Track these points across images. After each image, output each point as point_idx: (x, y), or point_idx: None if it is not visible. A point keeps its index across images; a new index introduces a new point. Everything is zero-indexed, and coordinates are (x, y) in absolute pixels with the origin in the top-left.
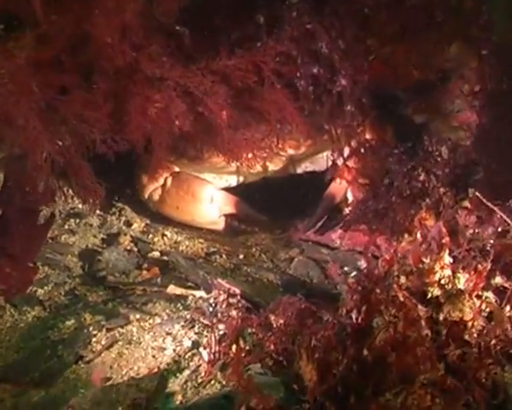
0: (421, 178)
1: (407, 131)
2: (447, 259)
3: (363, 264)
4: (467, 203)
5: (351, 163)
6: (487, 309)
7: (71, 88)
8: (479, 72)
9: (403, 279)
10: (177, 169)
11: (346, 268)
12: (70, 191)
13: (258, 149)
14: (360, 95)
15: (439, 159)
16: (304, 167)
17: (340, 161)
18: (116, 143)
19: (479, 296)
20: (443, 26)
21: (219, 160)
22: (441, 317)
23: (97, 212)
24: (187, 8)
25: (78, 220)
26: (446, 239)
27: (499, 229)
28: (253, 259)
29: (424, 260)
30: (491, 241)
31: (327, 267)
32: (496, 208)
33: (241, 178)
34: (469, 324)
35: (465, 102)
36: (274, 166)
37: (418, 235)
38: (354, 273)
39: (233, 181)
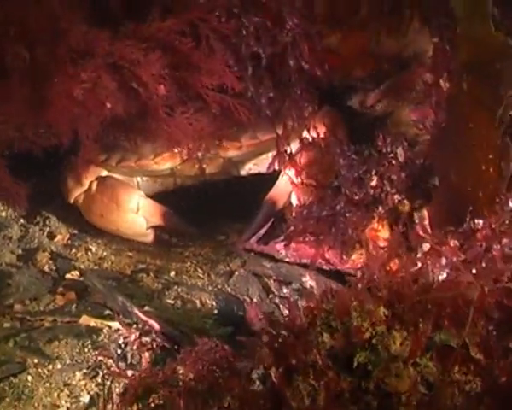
0: (374, 183)
1: (360, 129)
2: (382, 311)
3: (308, 280)
4: (424, 213)
5: (297, 158)
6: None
7: None
8: (432, 62)
9: (326, 337)
10: (104, 173)
11: (285, 290)
12: None
13: (199, 136)
14: (311, 69)
15: (393, 162)
16: (247, 169)
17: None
18: (39, 137)
19: (416, 364)
20: (400, 8)
21: (150, 157)
22: (371, 386)
23: (20, 221)
24: None
25: None
26: (383, 292)
27: (454, 259)
28: (186, 275)
29: (352, 312)
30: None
31: (269, 283)
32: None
33: (178, 181)
34: (405, 395)
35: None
36: (212, 169)
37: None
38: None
39: (168, 184)
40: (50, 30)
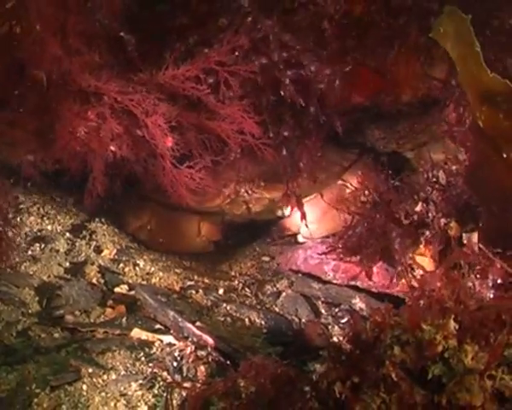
0: (419, 208)
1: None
2: (452, 324)
3: (357, 302)
4: (474, 236)
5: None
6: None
7: None
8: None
9: (397, 350)
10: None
11: (336, 310)
12: (41, 210)
13: (213, 189)
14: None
15: (436, 185)
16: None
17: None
18: (45, 164)
19: (491, 376)
20: None
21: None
22: (444, 401)
23: (66, 235)
24: (136, 13)
25: (43, 245)
26: (450, 303)
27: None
28: (234, 294)
29: (423, 326)
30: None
31: (318, 304)
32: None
33: (227, 218)
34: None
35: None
36: (257, 208)
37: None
38: (345, 320)
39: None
40: (63, 66)
